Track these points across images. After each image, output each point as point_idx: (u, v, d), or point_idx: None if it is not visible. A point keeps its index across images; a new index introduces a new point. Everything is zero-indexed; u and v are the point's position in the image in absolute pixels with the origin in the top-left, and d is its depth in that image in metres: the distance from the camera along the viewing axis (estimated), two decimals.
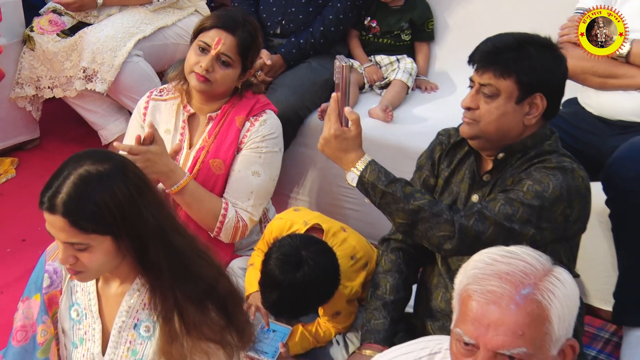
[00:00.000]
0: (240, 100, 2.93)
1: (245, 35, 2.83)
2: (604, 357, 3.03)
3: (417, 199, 2.29)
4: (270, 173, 2.95)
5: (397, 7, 3.76)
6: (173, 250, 1.96)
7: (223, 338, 2.00)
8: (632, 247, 2.89)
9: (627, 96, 3.03)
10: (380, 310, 2.52)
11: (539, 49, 2.36)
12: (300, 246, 2.66)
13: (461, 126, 2.41)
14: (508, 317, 1.52)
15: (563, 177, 2.32)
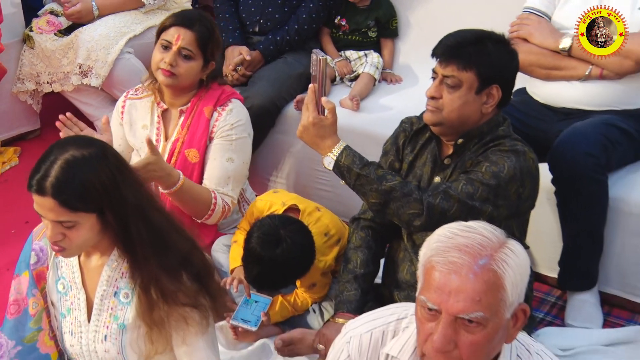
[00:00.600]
0: (207, 92, 2.92)
1: (202, 29, 2.82)
2: (551, 318, 3.07)
3: (389, 180, 2.29)
4: (243, 157, 2.95)
5: (364, 7, 3.76)
6: (151, 225, 1.98)
7: (197, 301, 2.04)
8: (574, 221, 2.94)
9: (569, 86, 3.05)
10: (351, 282, 2.53)
11: (495, 44, 2.38)
12: (279, 226, 2.67)
13: (425, 114, 2.41)
14: (467, 285, 1.52)
15: (516, 159, 2.34)
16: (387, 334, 1.76)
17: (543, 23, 3.09)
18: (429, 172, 2.49)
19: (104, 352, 2.08)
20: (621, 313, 3.08)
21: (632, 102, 3.03)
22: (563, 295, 3.12)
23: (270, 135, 3.56)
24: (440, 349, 1.55)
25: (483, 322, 1.53)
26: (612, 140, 2.91)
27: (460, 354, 1.56)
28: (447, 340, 1.54)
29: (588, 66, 2.98)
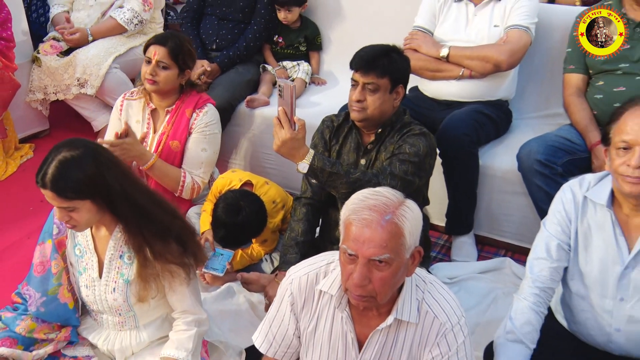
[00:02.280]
0: (188, 97, 2.89)
1: (173, 44, 2.79)
2: (441, 256, 3.13)
3: (353, 173, 2.29)
4: (214, 148, 2.94)
5: (295, 27, 3.75)
6: (135, 204, 1.99)
7: (182, 260, 2.06)
8: (456, 184, 3.00)
9: (449, 84, 3.09)
10: (293, 247, 2.52)
11: (398, 55, 2.41)
12: (239, 198, 2.70)
13: (352, 114, 2.42)
14: (376, 235, 1.57)
15: (426, 139, 2.39)
16: (320, 274, 1.78)
17: (428, 37, 3.11)
18: (355, 157, 2.49)
19: (113, 300, 2.10)
20: (490, 249, 3.16)
21: (492, 94, 3.08)
22: (449, 239, 3.18)
23: (228, 127, 3.53)
24: (359, 284, 1.59)
25: (389, 262, 1.58)
26: (480, 123, 2.98)
27: (374, 286, 1.60)
28: (363, 277, 1.59)
29: (461, 69, 3.02)
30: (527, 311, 2.06)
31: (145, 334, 2.18)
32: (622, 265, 2.01)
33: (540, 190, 2.75)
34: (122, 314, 2.13)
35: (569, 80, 2.95)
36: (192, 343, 2.10)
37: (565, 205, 2.08)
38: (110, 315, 2.15)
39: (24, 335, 2.12)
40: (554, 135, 2.86)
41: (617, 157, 1.89)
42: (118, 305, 2.10)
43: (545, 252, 2.09)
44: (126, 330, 2.17)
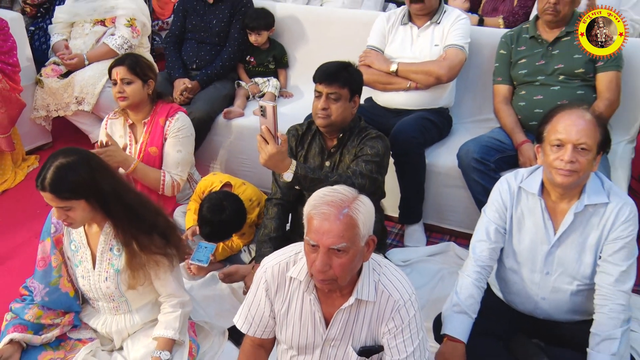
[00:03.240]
0: (160, 109, 2.84)
1: (130, 61, 2.75)
2: (395, 243, 3.11)
3: (332, 176, 2.26)
4: (188, 149, 2.89)
5: (265, 48, 3.70)
6: (124, 203, 1.97)
7: (165, 251, 2.05)
8: (406, 180, 2.98)
9: (398, 94, 3.08)
10: (267, 242, 2.48)
11: (354, 69, 2.40)
12: (223, 199, 2.65)
13: (318, 120, 2.39)
14: (334, 227, 1.55)
15: (382, 141, 2.38)
16: (290, 263, 1.76)
17: (379, 55, 3.10)
18: (320, 160, 2.47)
19: (106, 288, 2.07)
20: (437, 235, 3.15)
21: (435, 103, 3.08)
22: (402, 228, 3.16)
23: (208, 137, 3.48)
24: (321, 269, 1.58)
25: (346, 250, 1.57)
26: (426, 128, 2.97)
27: (334, 271, 1.59)
28: (324, 264, 1.58)
29: (408, 82, 3.01)
30: (469, 286, 2.08)
31: (138, 317, 2.16)
32: (549, 245, 2.04)
33: (477, 183, 2.76)
34: (115, 299, 2.11)
35: (498, 90, 2.97)
36: (179, 322, 2.09)
37: (502, 195, 2.10)
38: (105, 302, 2.13)
39: (33, 321, 2.09)
40: (487, 136, 2.88)
41: (551, 153, 1.92)
42: (111, 292, 2.08)
43: (485, 235, 2.11)
44: (120, 314, 2.16)
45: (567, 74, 2.78)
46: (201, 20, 3.63)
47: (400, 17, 3.11)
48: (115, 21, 3.74)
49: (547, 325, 2.15)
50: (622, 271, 1.94)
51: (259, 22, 3.58)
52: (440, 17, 3.02)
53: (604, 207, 1.97)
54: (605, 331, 1.93)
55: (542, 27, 2.86)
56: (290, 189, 2.51)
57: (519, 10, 3.70)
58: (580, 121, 1.88)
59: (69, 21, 3.83)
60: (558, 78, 2.79)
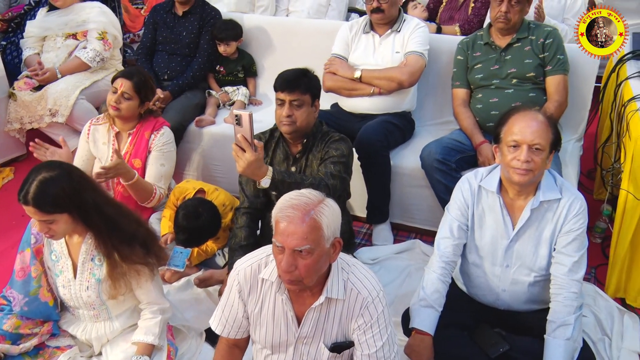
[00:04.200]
0: (147, 122, 2.80)
1: (137, 80, 2.70)
2: (364, 242, 3.11)
3: (306, 179, 2.24)
4: (171, 163, 2.86)
5: (234, 58, 3.67)
6: (105, 215, 1.93)
7: (146, 260, 2.00)
8: (372, 181, 3.00)
9: (362, 100, 3.08)
10: (238, 251, 2.44)
11: (312, 75, 2.38)
12: (198, 205, 2.63)
13: (283, 127, 2.36)
14: (298, 229, 1.55)
15: (345, 143, 2.38)
16: (262, 265, 1.75)
17: (344, 63, 3.11)
18: (286, 166, 2.45)
19: (87, 297, 2.03)
20: (403, 233, 3.16)
21: (398, 107, 3.09)
22: (370, 227, 3.17)
23: (181, 145, 3.43)
24: (286, 270, 1.58)
25: (311, 251, 1.56)
26: (390, 131, 2.99)
27: (300, 272, 1.59)
28: (290, 264, 1.57)
29: (372, 87, 3.02)
30: (435, 281, 2.10)
31: (118, 324, 2.12)
32: (508, 239, 2.07)
33: (440, 183, 2.78)
34: (95, 307, 2.07)
35: (456, 94, 3.01)
36: (159, 328, 2.06)
37: (463, 194, 2.12)
38: (86, 310, 2.08)
39: (11, 331, 2.04)
40: (447, 138, 2.91)
41: (508, 153, 1.95)
42: (92, 301, 2.04)
43: (449, 232, 2.13)
44: (100, 321, 2.11)
45: (520, 78, 2.83)
46: (171, 33, 3.60)
47: (362, 26, 3.13)
48: (87, 34, 3.67)
49: (508, 315, 2.18)
50: (575, 261, 1.99)
51: (227, 33, 3.56)
52: (400, 26, 3.04)
53: (557, 203, 2.01)
54: (560, 318, 1.97)
55: (495, 34, 2.91)
56: (257, 197, 2.50)
57: (473, 19, 3.75)
58: (533, 123, 1.92)
59: (40, 35, 3.74)
60: (511, 82, 2.84)
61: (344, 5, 4.35)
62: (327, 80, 3.08)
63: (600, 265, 2.83)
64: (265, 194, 2.53)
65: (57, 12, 3.69)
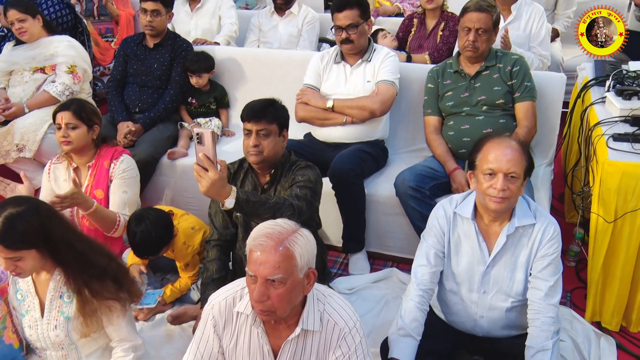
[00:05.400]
0: (105, 152, 2.78)
1: (75, 107, 2.69)
2: (340, 272, 3.09)
3: (271, 199, 2.19)
4: (134, 190, 2.82)
5: (206, 90, 3.67)
6: (75, 250, 1.88)
7: (118, 296, 1.94)
8: (347, 211, 2.99)
9: (335, 129, 3.10)
10: (210, 285, 2.40)
11: (280, 106, 2.39)
12: (145, 210, 2.66)
13: (251, 157, 2.35)
14: (270, 258, 1.54)
15: (312, 170, 2.36)
16: (237, 298, 1.73)
17: (315, 93, 3.13)
18: None
19: (55, 336, 1.96)
20: (380, 262, 3.15)
21: (371, 136, 3.11)
22: (346, 257, 3.15)
23: (153, 177, 3.40)
24: (258, 299, 1.56)
25: (283, 281, 1.55)
26: (363, 159, 3.00)
27: (272, 302, 1.57)
28: (262, 294, 1.55)
29: (344, 117, 3.04)
30: (413, 310, 2.09)
31: None
32: (485, 265, 2.08)
33: (415, 210, 2.80)
34: (64, 347, 1.99)
35: (428, 121, 3.05)
36: None
37: (439, 221, 2.13)
38: (54, 351, 2.00)
39: None
40: (421, 165, 2.93)
41: (484, 181, 1.97)
42: (60, 340, 1.96)
43: (426, 259, 2.13)
44: None
45: (489, 105, 2.88)
46: (142, 65, 3.59)
47: (333, 56, 3.17)
48: (56, 68, 3.63)
49: (487, 342, 2.17)
50: (550, 286, 2.00)
51: (199, 65, 3.57)
52: (371, 55, 3.09)
53: (531, 228, 2.03)
54: (538, 343, 1.97)
55: (464, 62, 2.98)
56: (226, 229, 2.47)
57: (442, 46, 3.83)
58: (508, 151, 1.94)
59: (6, 69, 3.70)
60: (481, 109, 2.89)
61: (315, 35, 4.42)
62: (299, 111, 3.10)
63: (575, 288, 2.86)
64: (234, 225, 2.50)
65: (24, 46, 3.66)
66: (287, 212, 2.18)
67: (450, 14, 3.93)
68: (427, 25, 3.99)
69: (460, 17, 2.91)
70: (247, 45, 4.43)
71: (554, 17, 4.68)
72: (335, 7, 3.03)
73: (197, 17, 4.34)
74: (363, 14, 3.01)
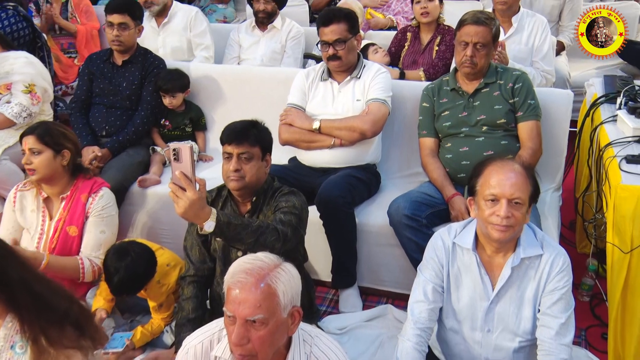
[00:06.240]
0: (83, 183, 2.76)
1: (40, 130, 2.68)
2: (330, 309, 3.07)
3: (254, 222, 2.19)
4: (112, 230, 2.81)
5: (180, 111, 3.69)
6: (33, 293, 1.82)
7: (79, 344, 1.88)
8: (336, 242, 2.99)
9: (323, 152, 3.11)
10: (186, 325, 2.38)
11: (262, 127, 2.41)
12: (127, 244, 2.65)
13: (231, 183, 2.35)
14: (250, 296, 1.53)
15: (296, 196, 2.38)
16: (214, 341, 1.71)
17: (301, 113, 3.15)
18: None
19: None
20: (373, 298, 3.14)
21: (361, 159, 3.13)
22: (336, 293, 3.14)
23: (122, 207, 3.35)
24: (237, 343, 1.55)
25: (265, 322, 1.54)
26: (354, 185, 3.00)
27: (253, 345, 1.55)
28: (241, 337, 1.54)
29: (332, 139, 3.06)
30: (411, 351, 2.07)
31: None
32: (488, 301, 2.07)
33: (410, 241, 2.79)
34: None
35: (424, 143, 3.07)
36: None
37: (437, 252, 2.13)
38: None
39: None
40: (416, 191, 2.94)
41: (486, 207, 1.97)
42: None
43: (423, 295, 2.12)
44: None
45: (490, 125, 2.91)
46: (110, 83, 3.59)
47: (319, 73, 3.20)
48: (12, 87, 3.63)
49: None
50: (562, 324, 1.99)
51: (173, 84, 3.58)
52: (360, 72, 3.12)
53: (538, 259, 2.03)
54: None
55: (461, 79, 3.01)
56: (203, 263, 2.46)
57: (438, 62, 3.88)
58: (511, 174, 1.95)
59: None
60: (481, 129, 2.92)
61: (300, 51, 4.46)
62: (283, 133, 3.11)
63: (590, 326, 2.85)
64: (212, 259, 2.48)
65: None
66: (271, 237, 2.18)
67: (446, 27, 3.99)
68: (422, 39, 4.04)
69: (456, 31, 2.96)
70: (226, 62, 4.46)
71: (559, 29, 4.78)
72: (322, 21, 3.06)
73: (164, 34, 4.38)
74: (351, 28, 3.05)
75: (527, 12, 3.83)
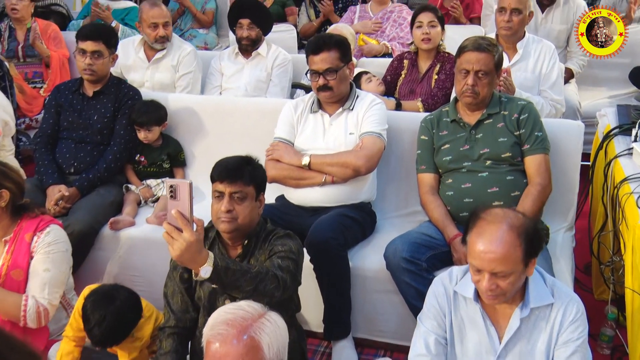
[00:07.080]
0: (27, 223, 2.72)
1: None
2: None
3: (252, 267, 2.18)
4: (60, 267, 2.73)
5: (157, 145, 3.70)
6: None
7: None
8: (328, 288, 2.97)
9: (313, 190, 3.12)
10: None
11: (256, 164, 2.43)
12: (109, 288, 2.59)
13: (222, 225, 2.34)
14: (232, 350, 1.52)
15: (292, 240, 2.38)
16: None
17: (289, 147, 3.16)
18: None
19: None
20: (370, 351, 3.11)
21: (355, 198, 3.14)
22: (329, 345, 3.10)
23: (92, 252, 3.36)
24: None
25: None
26: (347, 226, 3.00)
27: None
28: None
29: (323, 175, 3.06)
30: None
31: None
32: (495, 355, 2.06)
33: (409, 286, 2.78)
34: None
35: (422, 179, 3.08)
36: None
37: (438, 299, 2.12)
38: None
39: None
40: (415, 232, 2.95)
41: (473, 273, 1.98)
42: None
43: (425, 348, 2.10)
44: None
45: (494, 159, 2.93)
46: (79, 116, 3.60)
47: (309, 104, 3.22)
48: None
49: None
50: None
51: (148, 117, 3.60)
52: (353, 103, 3.15)
53: (549, 308, 2.02)
54: None
55: (462, 109, 3.05)
56: (185, 312, 2.44)
57: (437, 92, 3.92)
58: (495, 245, 1.91)
59: None
60: (485, 163, 2.94)
61: (287, 80, 4.49)
62: (270, 169, 3.11)
63: None
64: (196, 309, 2.46)
65: None
66: (271, 284, 2.17)
67: (446, 54, 4.05)
68: (420, 67, 4.09)
69: (456, 58, 3.01)
70: (207, 92, 4.49)
71: (567, 55, 4.84)
72: (311, 48, 3.10)
73: (154, 69, 4.38)
74: (343, 56, 3.09)
75: (534, 38, 3.89)
